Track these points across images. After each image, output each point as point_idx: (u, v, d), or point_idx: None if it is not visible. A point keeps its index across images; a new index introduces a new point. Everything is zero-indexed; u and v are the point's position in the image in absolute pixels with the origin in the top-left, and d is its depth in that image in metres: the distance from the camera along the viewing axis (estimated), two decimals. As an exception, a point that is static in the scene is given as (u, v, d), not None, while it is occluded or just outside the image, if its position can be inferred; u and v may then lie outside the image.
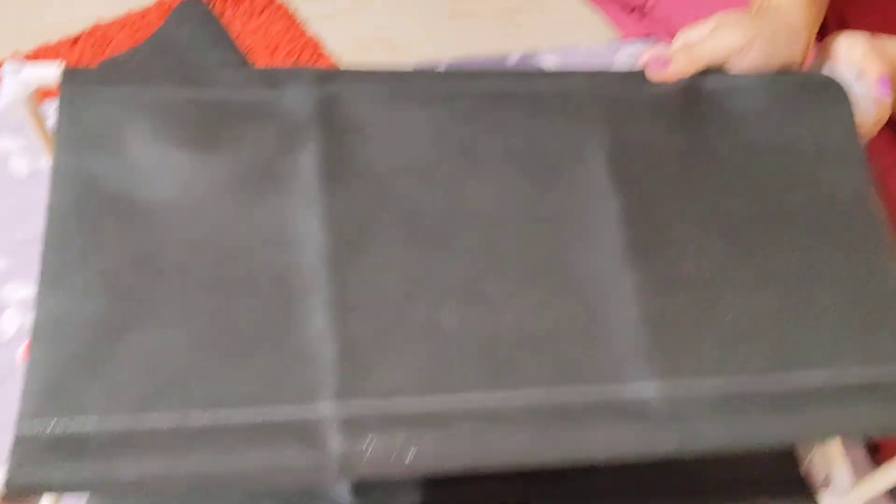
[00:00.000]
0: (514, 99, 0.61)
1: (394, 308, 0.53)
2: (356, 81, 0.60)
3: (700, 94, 0.63)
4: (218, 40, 0.84)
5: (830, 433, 0.52)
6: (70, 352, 0.48)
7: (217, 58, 0.73)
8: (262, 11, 1.25)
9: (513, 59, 0.99)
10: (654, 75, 0.63)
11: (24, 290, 0.76)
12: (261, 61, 1.18)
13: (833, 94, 0.64)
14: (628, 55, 1.00)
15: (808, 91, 0.64)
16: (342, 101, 0.59)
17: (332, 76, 0.60)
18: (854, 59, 0.65)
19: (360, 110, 0.59)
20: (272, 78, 0.60)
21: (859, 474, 0.62)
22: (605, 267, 0.55)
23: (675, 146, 0.61)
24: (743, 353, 0.53)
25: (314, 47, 1.24)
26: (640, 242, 0.56)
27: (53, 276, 0.50)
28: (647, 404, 0.51)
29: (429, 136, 0.59)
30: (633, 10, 1.05)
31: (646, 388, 0.51)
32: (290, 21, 1.28)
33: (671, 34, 1.00)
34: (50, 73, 0.58)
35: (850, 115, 0.63)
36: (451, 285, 0.54)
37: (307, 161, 0.57)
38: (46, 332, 0.49)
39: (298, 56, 1.21)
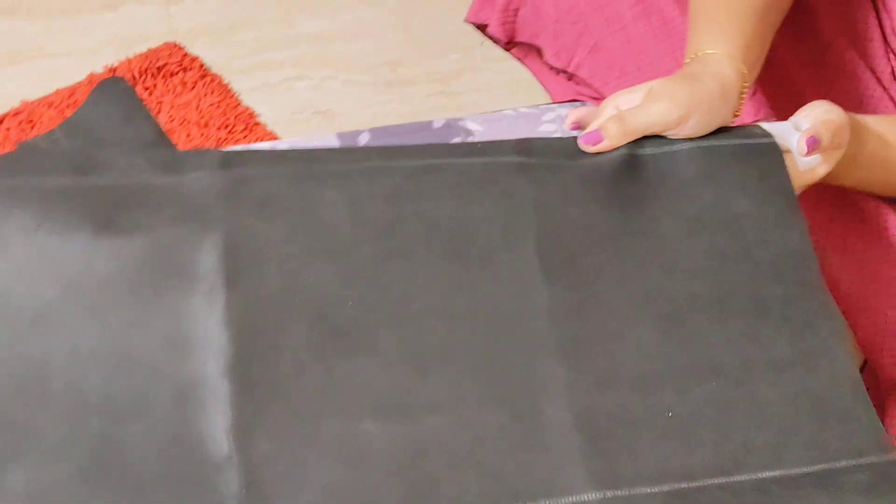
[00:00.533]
0: (439, 175, 0.58)
1: (304, 423, 0.49)
2: (265, 162, 0.57)
3: (635, 162, 0.61)
4: (134, 118, 0.83)
5: None
6: None
7: (132, 136, 0.72)
8: (195, 85, 1.26)
9: (437, 124, 0.99)
10: (587, 149, 0.62)
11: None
12: (193, 135, 1.17)
13: (770, 157, 0.62)
14: (553, 118, 1.01)
15: (745, 155, 0.62)
16: (249, 184, 0.55)
17: (239, 157, 0.57)
18: (800, 114, 0.66)
19: (269, 192, 0.55)
20: (174, 161, 0.56)
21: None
22: (534, 366, 0.52)
23: (610, 224, 0.58)
24: (683, 454, 0.50)
25: (248, 119, 1.24)
26: (571, 337, 0.53)
27: None
28: None
29: (345, 219, 0.55)
30: (559, 72, 1.06)
31: (587, 498, 0.48)
32: (225, 93, 1.28)
33: (599, 97, 1.01)
34: None
35: (788, 181, 0.61)
36: (368, 394, 0.50)
37: (208, 252, 0.53)
38: None
39: (231, 128, 1.21)
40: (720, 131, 0.64)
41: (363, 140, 0.97)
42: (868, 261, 0.76)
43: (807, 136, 0.63)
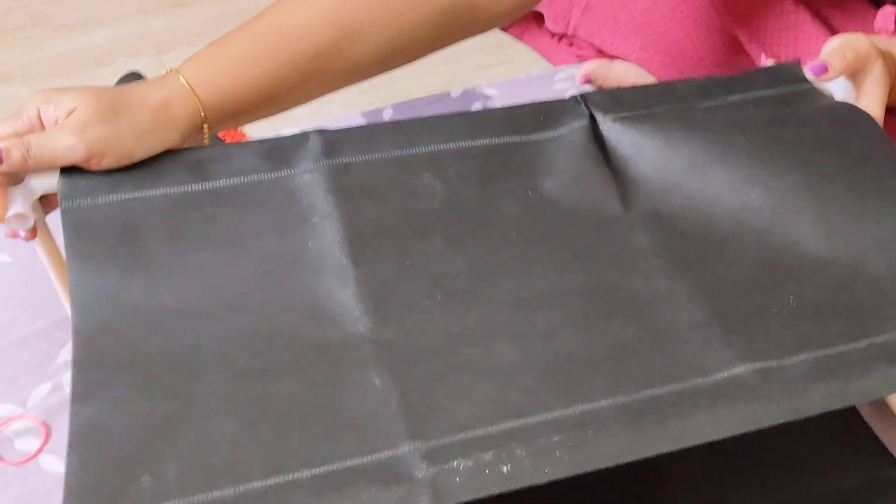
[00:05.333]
0: (520, 152, 0.62)
1: (446, 355, 0.50)
2: (360, 146, 0.61)
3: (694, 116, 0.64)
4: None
5: None
6: (111, 456, 0.45)
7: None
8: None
9: (455, 94, 1.02)
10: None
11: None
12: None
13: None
14: (565, 77, 1.04)
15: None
16: (352, 173, 0.60)
17: (336, 143, 0.61)
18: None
19: (372, 182, 0.60)
20: (279, 152, 0.60)
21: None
22: (652, 285, 0.54)
23: (689, 160, 0.61)
24: (817, 328, 0.51)
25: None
26: (678, 254, 0.56)
27: (85, 393, 0.48)
28: (747, 383, 0.48)
29: (444, 199, 0.59)
30: (560, 38, 1.10)
31: (735, 371, 0.49)
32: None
33: (601, 53, 1.05)
34: (52, 180, 0.58)
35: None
36: (498, 327, 0.52)
37: (331, 238, 0.56)
38: (84, 440, 0.46)
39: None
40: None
41: (387, 115, 1.00)
42: None
43: (812, 66, 0.66)
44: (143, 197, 0.57)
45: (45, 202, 0.61)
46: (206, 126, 0.62)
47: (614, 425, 0.46)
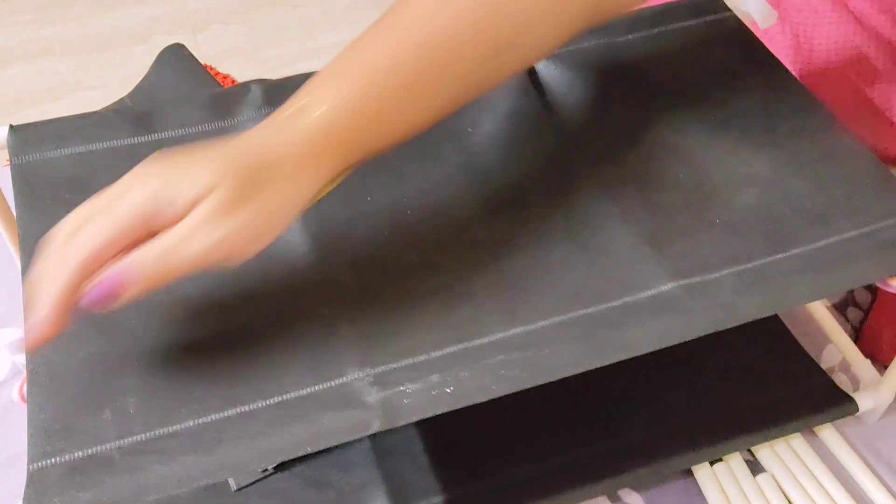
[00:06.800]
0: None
1: (392, 285, 0.53)
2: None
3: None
4: (194, 79, 0.87)
5: (859, 279, 0.53)
6: (70, 394, 0.47)
7: (193, 95, 0.76)
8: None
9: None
10: None
11: (13, 334, 0.76)
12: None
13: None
14: None
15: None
16: None
17: (278, 90, 0.62)
18: None
19: None
20: (223, 104, 0.62)
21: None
22: (591, 207, 0.57)
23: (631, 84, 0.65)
24: (742, 245, 0.54)
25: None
26: (611, 181, 0.59)
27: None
28: (675, 298, 0.51)
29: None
30: None
31: (663, 287, 0.52)
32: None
33: None
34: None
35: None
36: (440, 257, 0.54)
37: None
38: (42, 379, 0.47)
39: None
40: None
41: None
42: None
43: None
44: (90, 150, 0.58)
45: None
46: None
47: (553, 343, 0.48)
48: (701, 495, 0.60)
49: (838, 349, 0.66)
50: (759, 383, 0.64)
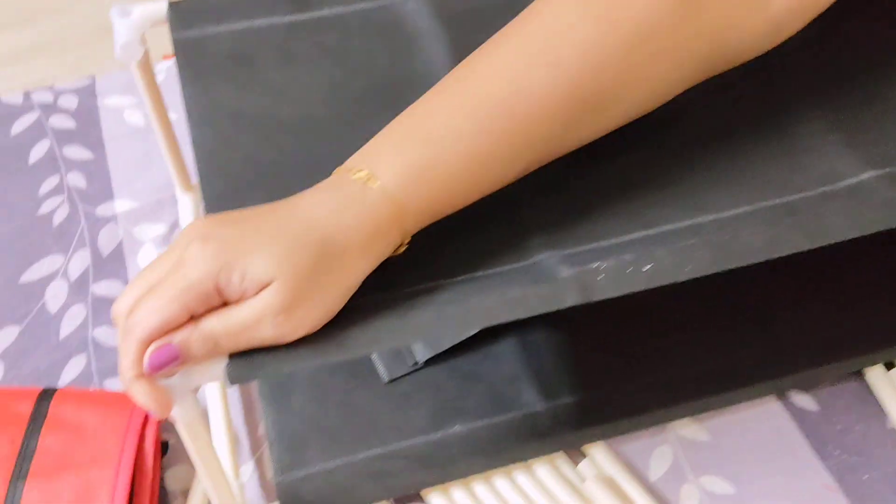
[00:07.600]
0: None
1: (575, 180, 0.51)
2: None
3: None
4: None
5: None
6: None
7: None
8: None
9: None
10: None
11: (155, 229, 0.77)
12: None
13: None
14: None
15: None
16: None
17: None
18: None
19: (476, 2, 0.60)
20: None
21: None
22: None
23: None
24: None
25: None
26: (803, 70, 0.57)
27: (217, 206, 0.50)
28: (873, 189, 0.49)
29: None
30: None
31: (863, 177, 0.50)
32: None
33: None
34: (159, 9, 0.58)
35: None
36: (625, 147, 0.52)
37: (440, 58, 0.57)
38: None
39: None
40: None
41: None
42: None
43: None
44: (250, 27, 0.59)
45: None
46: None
47: (751, 227, 0.47)
48: (873, 397, 0.60)
49: None
50: None
